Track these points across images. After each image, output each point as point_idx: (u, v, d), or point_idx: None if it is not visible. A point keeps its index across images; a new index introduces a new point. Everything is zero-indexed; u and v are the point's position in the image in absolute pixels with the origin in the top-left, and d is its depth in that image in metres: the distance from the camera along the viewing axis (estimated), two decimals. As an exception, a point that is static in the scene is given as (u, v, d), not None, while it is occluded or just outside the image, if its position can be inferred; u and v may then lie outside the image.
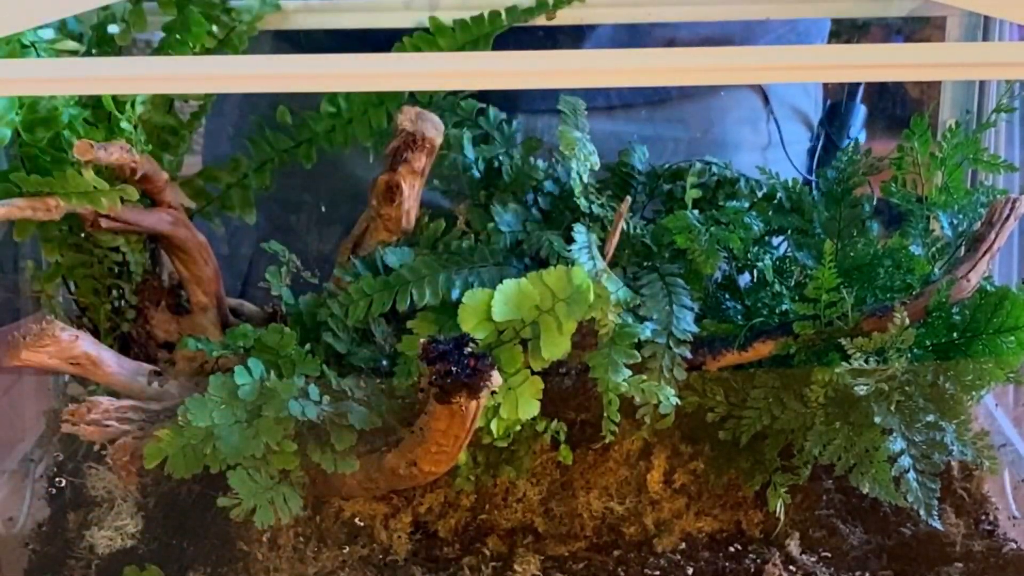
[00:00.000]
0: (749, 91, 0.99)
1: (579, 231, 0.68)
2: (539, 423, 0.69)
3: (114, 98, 0.69)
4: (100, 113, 0.70)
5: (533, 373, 0.65)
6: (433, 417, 0.61)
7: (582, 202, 0.72)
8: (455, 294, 0.67)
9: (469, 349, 0.58)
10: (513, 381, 0.65)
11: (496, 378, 0.59)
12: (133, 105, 0.71)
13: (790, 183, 0.80)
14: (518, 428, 0.68)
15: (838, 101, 1.08)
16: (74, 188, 0.65)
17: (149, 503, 0.70)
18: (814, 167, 1.05)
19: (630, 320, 0.67)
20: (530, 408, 0.65)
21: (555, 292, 0.64)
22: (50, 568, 0.70)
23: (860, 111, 1.09)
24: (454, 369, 0.58)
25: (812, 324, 0.70)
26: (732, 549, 0.72)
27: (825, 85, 1.08)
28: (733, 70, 0.53)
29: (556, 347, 0.64)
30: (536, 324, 0.64)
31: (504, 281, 0.64)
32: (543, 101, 0.89)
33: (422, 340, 0.60)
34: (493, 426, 0.66)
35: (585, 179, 0.72)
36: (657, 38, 0.85)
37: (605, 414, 0.66)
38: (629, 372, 0.65)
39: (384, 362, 0.70)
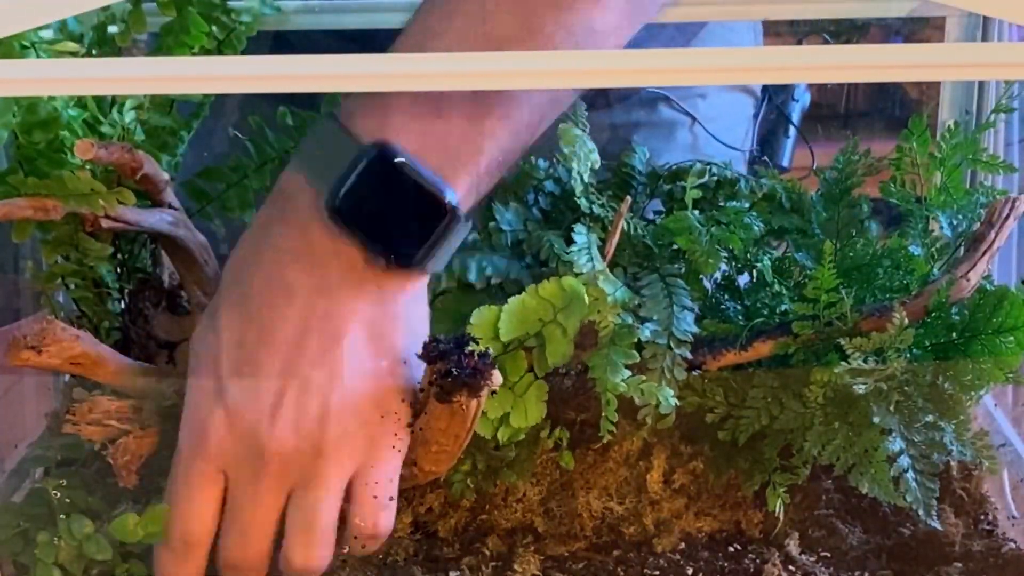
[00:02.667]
0: None
1: (579, 232, 0.68)
2: (543, 430, 0.70)
3: (100, 101, 0.69)
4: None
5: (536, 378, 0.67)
6: (433, 416, 0.61)
7: (583, 202, 0.72)
8: (471, 276, 0.69)
9: (469, 348, 0.58)
10: (519, 388, 0.66)
11: (497, 377, 0.59)
12: (121, 108, 0.71)
13: (789, 184, 0.80)
14: (521, 436, 0.69)
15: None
16: (72, 190, 0.65)
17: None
18: (755, 135, 1.05)
19: (630, 320, 0.67)
20: (537, 412, 0.67)
21: (554, 304, 0.65)
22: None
23: None
24: (454, 369, 0.58)
25: (811, 324, 0.70)
26: (731, 549, 0.72)
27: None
28: (733, 70, 0.53)
29: (560, 353, 0.66)
30: (540, 335, 0.66)
31: (508, 300, 0.65)
32: None
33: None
34: (500, 433, 0.67)
35: (586, 179, 0.72)
36: None
37: (604, 414, 0.66)
38: (628, 373, 0.65)
39: None
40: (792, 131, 1.09)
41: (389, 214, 0.63)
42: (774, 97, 1.08)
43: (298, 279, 0.63)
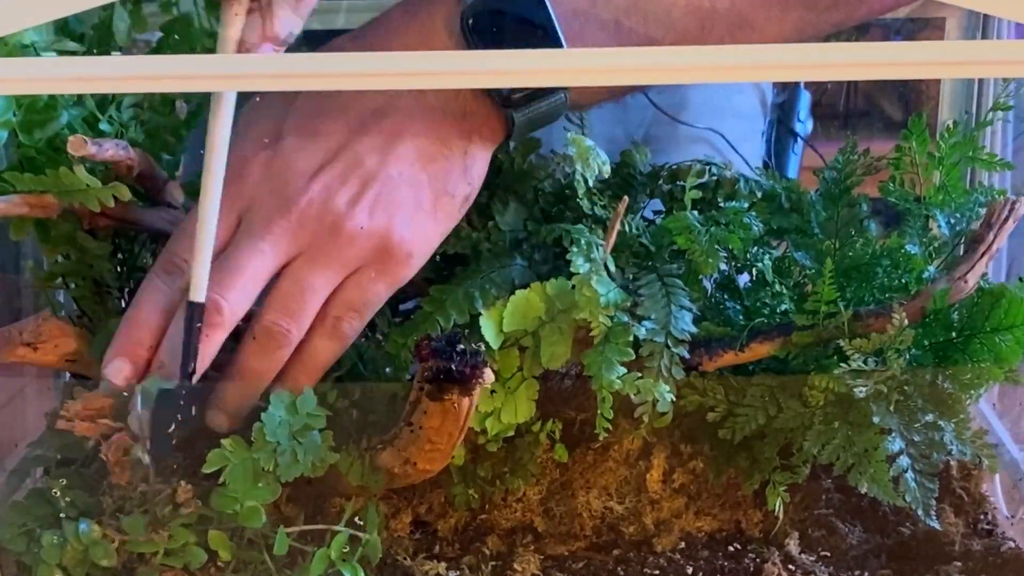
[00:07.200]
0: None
1: (579, 233, 0.68)
2: (535, 425, 0.70)
3: (99, 98, 0.69)
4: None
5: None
6: (426, 415, 0.61)
7: (584, 203, 0.72)
8: (479, 305, 0.68)
9: (462, 346, 0.59)
10: (511, 385, 0.67)
11: (489, 375, 0.59)
12: (119, 106, 0.71)
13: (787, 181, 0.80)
14: (512, 434, 0.69)
15: (783, 89, 1.15)
16: (68, 186, 0.65)
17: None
18: (771, 151, 1.11)
19: (625, 319, 0.67)
20: (527, 410, 0.67)
21: (557, 303, 0.65)
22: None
23: (805, 97, 1.16)
24: (446, 366, 0.58)
25: (810, 334, 0.70)
26: (731, 548, 0.72)
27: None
28: (732, 69, 0.53)
29: (556, 355, 0.67)
30: (536, 334, 0.66)
31: (516, 292, 0.66)
32: None
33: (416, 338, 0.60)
34: (489, 427, 0.67)
35: (591, 182, 0.72)
36: None
37: (599, 411, 0.66)
38: (624, 370, 0.65)
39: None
40: (799, 147, 1.15)
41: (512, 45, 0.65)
42: (782, 117, 1.13)
43: None
